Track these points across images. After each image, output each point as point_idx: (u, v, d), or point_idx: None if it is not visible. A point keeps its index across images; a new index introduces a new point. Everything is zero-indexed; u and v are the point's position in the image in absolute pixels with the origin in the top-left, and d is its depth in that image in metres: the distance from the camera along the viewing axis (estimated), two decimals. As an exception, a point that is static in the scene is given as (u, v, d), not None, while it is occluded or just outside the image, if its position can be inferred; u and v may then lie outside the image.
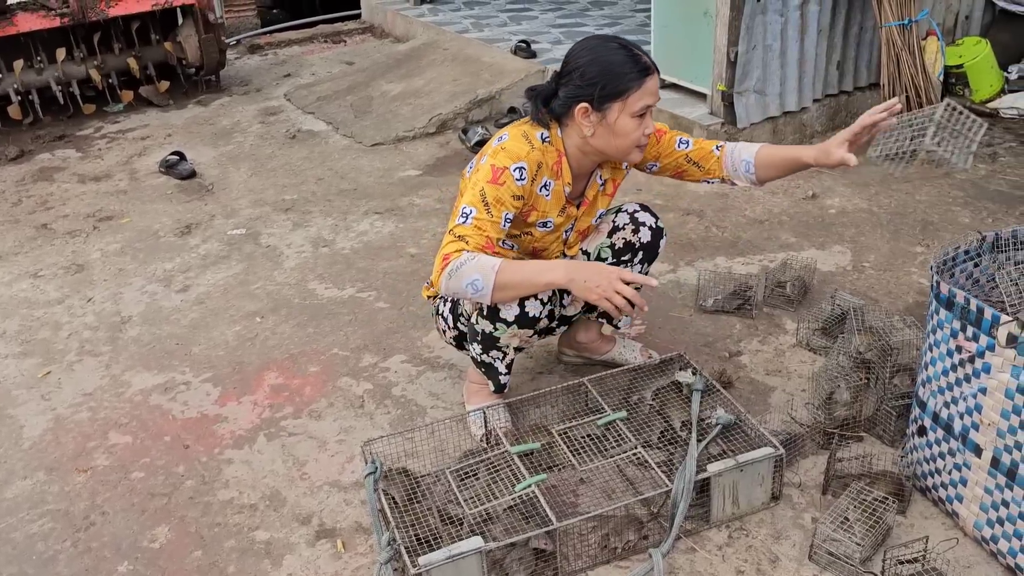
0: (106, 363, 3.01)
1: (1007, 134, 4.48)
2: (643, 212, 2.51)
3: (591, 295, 2.06)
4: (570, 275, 2.07)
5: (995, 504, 1.95)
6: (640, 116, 2.21)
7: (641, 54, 2.21)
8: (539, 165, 2.24)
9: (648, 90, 2.20)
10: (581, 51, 2.23)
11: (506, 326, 2.26)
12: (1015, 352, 1.81)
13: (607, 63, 2.17)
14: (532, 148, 2.23)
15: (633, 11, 6.64)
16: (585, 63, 2.19)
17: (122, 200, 4.38)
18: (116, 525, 2.29)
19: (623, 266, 2.50)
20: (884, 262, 3.34)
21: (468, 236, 2.13)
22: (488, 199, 2.17)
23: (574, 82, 2.20)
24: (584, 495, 2.18)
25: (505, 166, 2.19)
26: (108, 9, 5.36)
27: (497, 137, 2.28)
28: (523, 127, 2.28)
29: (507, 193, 2.18)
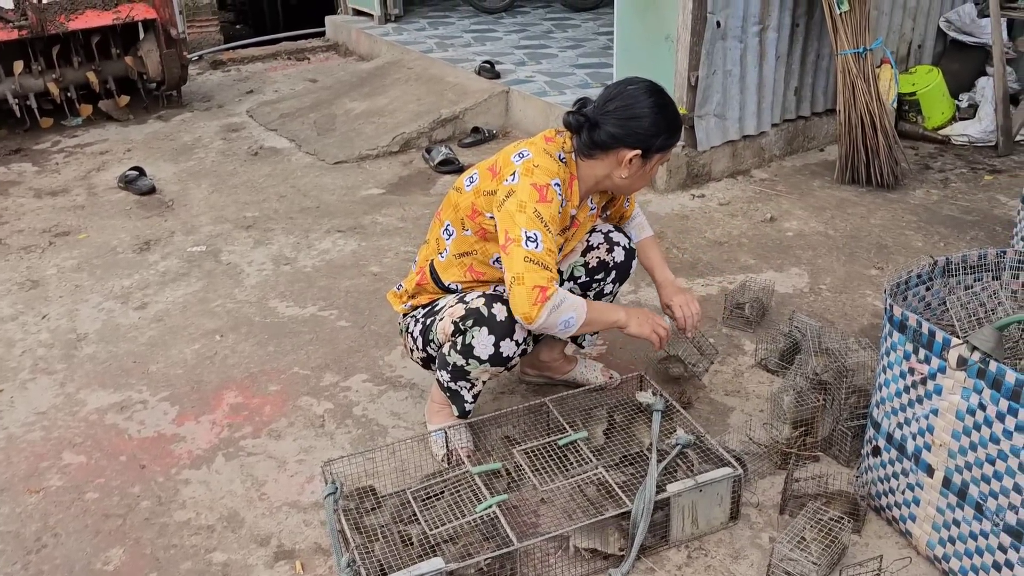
0: (61, 381, 2.96)
1: (958, 160, 4.60)
2: (617, 232, 2.54)
3: (645, 329, 2.33)
4: (629, 317, 2.33)
5: (947, 523, 1.99)
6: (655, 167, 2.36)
7: (678, 111, 2.34)
8: (563, 182, 2.28)
9: (674, 148, 2.37)
10: (636, 100, 2.23)
11: (479, 363, 2.26)
12: (965, 374, 1.86)
13: (659, 120, 2.23)
14: (560, 166, 2.27)
15: (596, 34, 6.72)
16: (640, 114, 2.22)
17: (79, 215, 4.32)
18: (68, 547, 2.25)
19: (595, 285, 2.53)
20: (840, 284, 3.40)
21: (548, 263, 2.17)
22: (546, 219, 2.18)
23: (626, 124, 2.22)
24: (545, 515, 2.19)
25: (547, 183, 2.20)
26: (68, 22, 5.29)
27: (516, 154, 2.27)
28: (541, 145, 2.29)
29: (555, 209, 2.21)
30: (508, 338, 2.23)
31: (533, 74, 5.62)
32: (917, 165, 4.55)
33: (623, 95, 2.24)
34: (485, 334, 2.22)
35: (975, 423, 1.85)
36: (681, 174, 4.31)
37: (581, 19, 7.30)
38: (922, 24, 5.07)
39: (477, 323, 2.22)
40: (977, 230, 3.81)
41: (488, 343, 2.22)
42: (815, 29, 4.45)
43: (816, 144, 4.82)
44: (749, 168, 4.55)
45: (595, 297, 2.57)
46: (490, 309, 2.22)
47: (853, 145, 4.24)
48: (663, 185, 4.30)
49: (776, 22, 4.26)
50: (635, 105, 2.23)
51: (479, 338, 2.22)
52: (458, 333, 2.26)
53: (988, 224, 3.87)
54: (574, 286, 2.53)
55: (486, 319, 2.21)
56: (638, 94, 2.24)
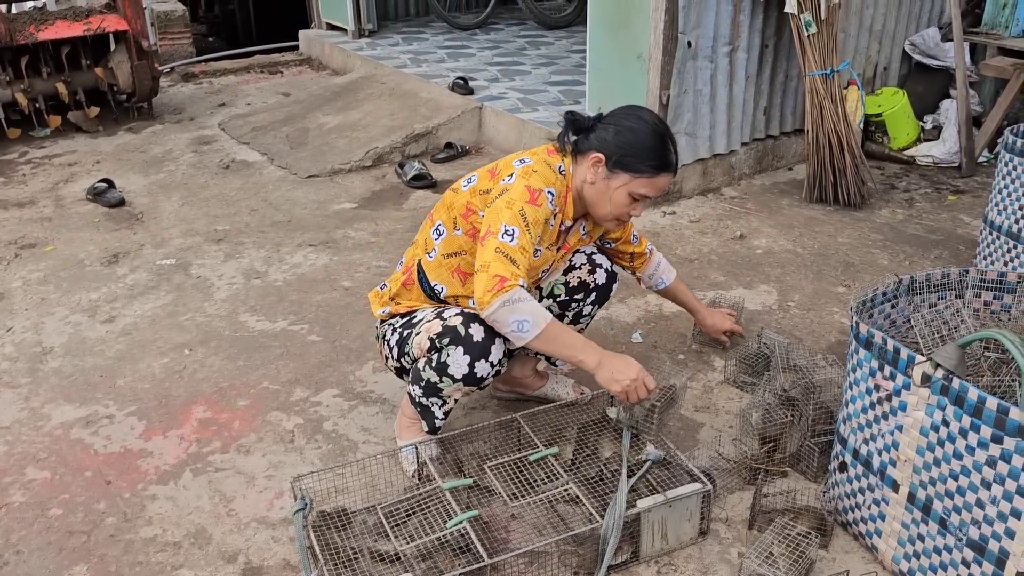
0: (25, 395, 2.91)
1: (923, 181, 4.68)
2: (600, 255, 2.56)
3: (614, 387, 2.18)
4: (600, 364, 2.18)
5: (912, 538, 2.02)
6: (635, 200, 2.30)
7: (674, 154, 2.29)
8: (558, 193, 2.29)
9: (656, 185, 2.28)
10: (631, 115, 2.27)
11: (452, 381, 2.26)
12: (929, 391, 1.89)
13: (641, 140, 2.23)
14: (558, 178, 2.28)
15: (569, 52, 6.77)
16: (625, 127, 2.24)
17: (46, 227, 4.26)
18: (31, 565, 2.21)
19: (574, 305, 2.54)
20: (808, 302, 3.44)
21: (518, 259, 2.15)
22: (530, 220, 2.18)
23: (608, 133, 2.25)
24: (516, 531, 2.19)
25: (540, 188, 2.22)
26: (37, 33, 5.25)
27: (518, 159, 2.30)
28: (543, 155, 2.31)
29: (542, 215, 2.22)
30: (483, 359, 2.23)
31: (506, 91, 5.65)
32: (883, 185, 4.62)
33: (630, 114, 2.28)
34: (460, 353, 2.22)
35: (939, 439, 1.88)
36: (652, 191, 4.35)
37: (554, 36, 7.35)
38: (888, 47, 5.17)
39: (453, 342, 2.22)
40: (941, 249, 3.88)
41: (463, 363, 2.22)
42: (784, 50, 4.52)
43: (785, 163, 4.88)
44: (719, 186, 4.60)
45: (572, 317, 2.58)
46: (467, 329, 2.22)
47: (821, 165, 4.31)
48: (634, 202, 4.33)
49: (746, 43, 4.32)
50: (617, 116, 2.27)
51: (454, 357, 2.22)
52: (434, 350, 2.26)
53: (952, 243, 3.94)
54: (552, 304, 2.54)
55: (462, 339, 2.22)
56: (628, 110, 2.30)
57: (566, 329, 2.21)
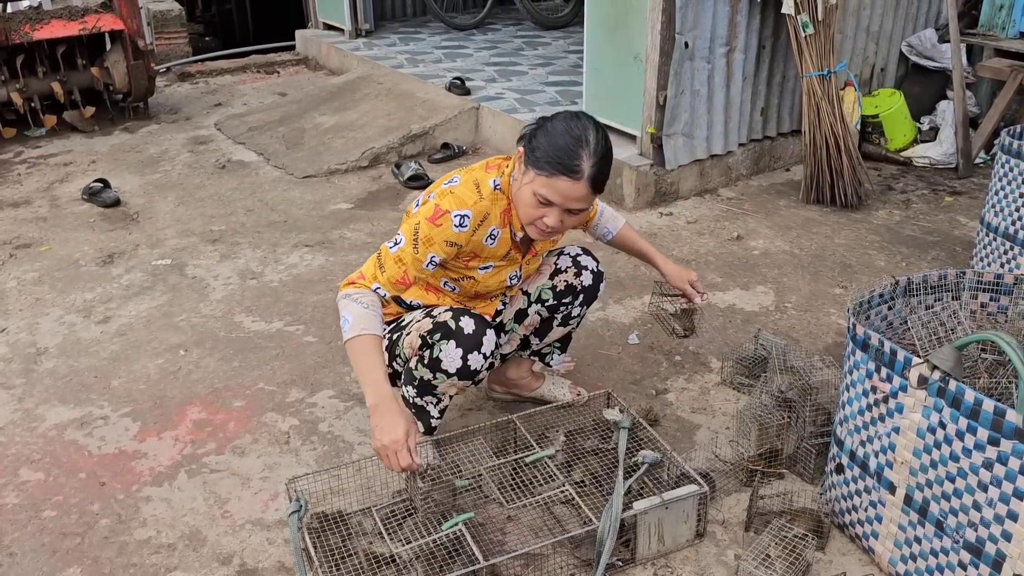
0: (19, 396, 2.90)
1: (919, 182, 4.68)
2: (585, 256, 2.54)
3: (375, 441, 2.06)
4: (374, 410, 2.07)
5: (908, 540, 2.01)
6: (541, 203, 2.17)
7: (583, 159, 2.12)
8: (485, 216, 2.25)
9: (553, 187, 2.13)
10: (564, 117, 2.20)
11: (446, 377, 2.25)
12: (926, 393, 1.88)
13: (552, 138, 2.15)
14: (480, 198, 2.23)
15: (566, 52, 6.77)
16: (548, 126, 2.18)
17: (41, 227, 4.25)
18: (24, 567, 2.20)
19: (563, 308, 2.53)
20: (805, 303, 3.44)
21: (387, 267, 2.20)
22: (420, 235, 2.19)
23: (535, 134, 2.20)
24: (511, 533, 2.18)
25: (448, 210, 2.20)
26: (33, 32, 5.23)
27: (448, 179, 2.29)
28: (475, 173, 2.28)
29: (440, 236, 2.19)
30: (476, 351, 2.23)
31: (503, 91, 5.64)
32: (880, 186, 4.62)
33: (564, 116, 2.20)
34: (453, 347, 2.21)
35: (935, 441, 1.88)
36: (649, 192, 4.34)
37: (551, 37, 7.34)
38: (885, 48, 5.17)
39: (445, 336, 2.21)
40: (938, 250, 3.88)
41: (456, 356, 2.22)
42: (781, 51, 4.52)
43: (782, 164, 4.88)
44: (716, 187, 4.60)
45: (562, 320, 2.56)
46: (457, 322, 2.22)
47: (818, 165, 4.31)
48: (632, 203, 4.33)
49: (743, 43, 4.32)
50: (559, 123, 2.18)
51: (447, 351, 2.22)
52: (425, 347, 2.25)
53: (948, 244, 3.94)
54: (541, 308, 2.53)
55: (453, 332, 2.21)
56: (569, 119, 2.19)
57: (371, 354, 2.11)
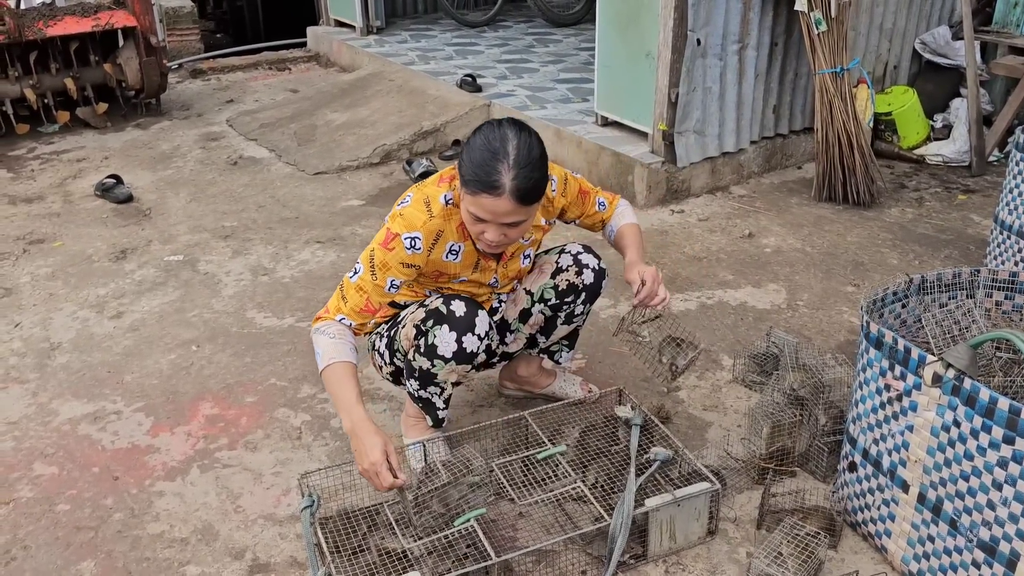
0: (33, 391, 2.92)
1: (932, 180, 4.66)
2: (586, 254, 2.53)
3: (358, 466, 2.08)
4: (351, 433, 2.10)
5: (921, 539, 2.01)
6: (477, 220, 2.12)
7: (500, 172, 2.03)
8: (438, 234, 2.23)
9: (479, 204, 2.07)
10: (482, 128, 2.13)
11: (444, 362, 2.26)
12: (940, 391, 1.88)
13: (470, 155, 2.08)
14: (430, 217, 2.21)
15: (577, 49, 6.76)
16: (469, 141, 2.12)
17: (55, 223, 4.27)
18: (39, 560, 2.21)
19: (565, 307, 2.52)
20: (817, 301, 3.43)
21: (348, 296, 2.22)
22: (376, 262, 2.21)
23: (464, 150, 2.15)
24: (523, 529, 2.19)
25: (398, 233, 2.20)
26: (46, 29, 5.25)
27: (402, 198, 2.27)
28: (427, 190, 2.25)
29: (395, 260, 2.20)
30: (470, 332, 2.24)
31: (514, 88, 5.64)
32: (893, 184, 4.60)
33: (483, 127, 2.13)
34: (446, 331, 2.22)
35: (949, 439, 1.87)
36: (661, 189, 4.34)
37: (563, 34, 7.33)
38: (898, 45, 5.15)
39: (437, 322, 2.23)
40: (951, 249, 3.86)
41: (450, 340, 2.23)
42: (793, 48, 4.50)
43: (794, 162, 4.86)
44: (728, 184, 4.58)
45: (565, 318, 2.55)
46: (448, 306, 2.24)
47: (830, 163, 4.29)
48: (643, 200, 4.32)
49: (755, 41, 4.31)
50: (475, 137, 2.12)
51: (441, 336, 2.23)
52: (420, 335, 2.27)
53: (962, 243, 3.92)
54: (544, 308, 2.52)
55: (445, 316, 2.23)
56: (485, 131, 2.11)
57: (342, 381, 2.13)
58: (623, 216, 2.57)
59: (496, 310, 2.55)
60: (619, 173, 4.42)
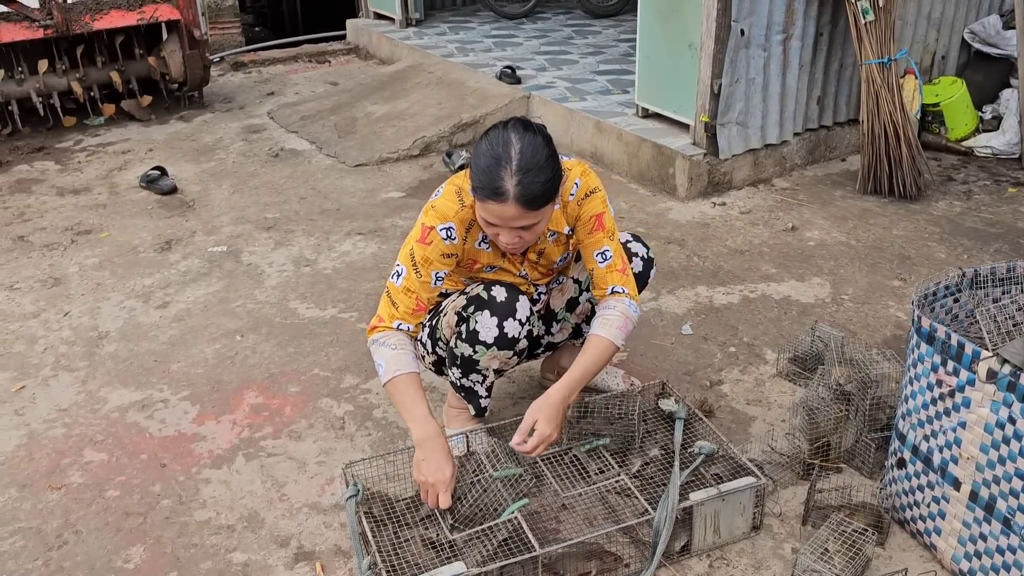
0: (82, 379, 2.97)
1: (981, 172, 4.56)
2: (635, 242, 2.52)
3: (418, 475, 2.13)
4: (419, 445, 2.13)
5: (973, 538, 1.97)
6: (489, 224, 2.10)
7: (503, 178, 2.00)
8: (470, 223, 2.23)
9: (488, 210, 2.06)
10: (487, 133, 2.11)
11: (486, 348, 2.26)
12: (995, 387, 1.84)
13: (476, 162, 2.07)
14: (462, 207, 2.21)
15: (617, 41, 6.71)
16: (479, 142, 2.10)
17: (101, 214, 4.34)
18: (90, 544, 2.25)
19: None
20: (862, 295, 3.38)
21: (399, 301, 2.22)
22: (417, 260, 2.21)
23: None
24: (566, 522, 2.18)
25: (432, 226, 2.20)
26: (93, 22, 5.33)
27: (436, 191, 2.29)
28: (459, 181, 2.25)
29: (435, 253, 2.21)
30: (511, 317, 2.24)
31: (554, 80, 5.62)
32: (940, 177, 4.52)
33: (488, 131, 2.11)
34: (487, 316, 2.23)
35: (1004, 436, 1.83)
36: (702, 182, 4.30)
37: (602, 25, 7.29)
38: (946, 35, 5.04)
39: (478, 308, 2.24)
40: (1001, 242, 3.78)
41: (491, 325, 2.23)
42: (839, 38, 4.43)
43: (838, 154, 4.79)
44: (770, 177, 4.53)
45: None
46: (489, 292, 2.25)
47: (876, 155, 4.22)
48: (684, 193, 4.29)
49: (800, 31, 4.24)
50: (481, 143, 2.09)
51: (482, 321, 2.23)
52: (462, 322, 2.27)
53: (1012, 237, 3.83)
54: (592, 295, 2.51)
55: (486, 302, 2.24)
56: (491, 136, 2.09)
57: (411, 392, 2.14)
58: (607, 324, 2.26)
59: (536, 301, 2.54)
60: (660, 165, 4.39)
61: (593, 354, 2.25)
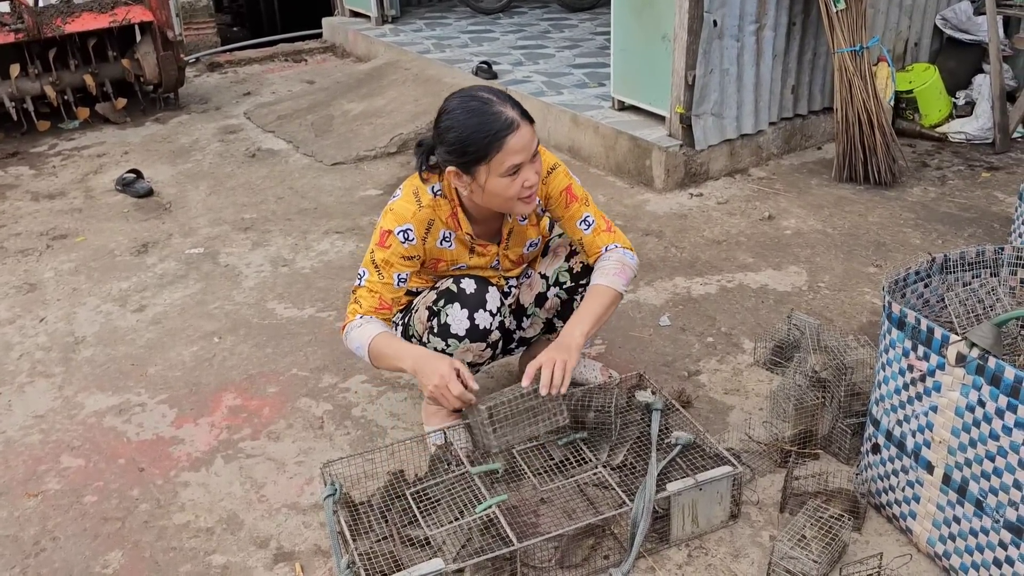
0: (59, 384, 2.95)
1: (955, 158, 4.60)
2: None
3: (426, 391, 2.16)
4: (415, 367, 2.16)
5: (947, 520, 1.99)
6: (511, 175, 2.13)
7: (502, 111, 2.08)
8: (430, 223, 2.26)
9: (511, 149, 2.09)
10: (445, 111, 2.15)
11: (458, 341, 2.27)
12: (964, 371, 1.85)
13: (463, 128, 2.09)
14: (420, 207, 2.23)
15: (593, 34, 6.72)
16: (445, 127, 2.13)
17: (77, 218, 4.31)
18: (67, 551, 2.24)
19: (581, 289, 2.51)
20: (838, 282, 3.40)
21: (362, 299, 2.26)
22: (377, 262, 2.25)
23: (441, 142, 2.16)
24: (545, 515, 2.19)
25: (390, 229, 2.23)
26: (64, 25, 5.29)
27: (395, 193, 2.31)
28: (416, 182, 2.27)
29: (394, 255, 2.24)
30: (481, 308, 2.26)
31: (530, 74, 5.62)
32: (914, 163, 4.55)
33: (442, 111, 2.15)
34: (458, 309, 2.25)
35: (974, 419, 1.85)
36: (679, 173, 4.31)
37: (578, 19, 7.29)
38: (918, 22, 5.07)
39: (448, 301, 2.26)
40: (975, 227, 3.81)
41: (462, 317, 2.25)
42: (812, 27, 4.45)
43: (814, 142, 4.82)
44: (747, 167, 4.55)
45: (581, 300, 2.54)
46: (459, 285, 2.27)
47: (851, 143, 4.24)
48: (661, 184, 4.30)
49: (773, 21, 4.26)
50: (440, 119, 2.16)
51: (453, 314, 2.25)
52: (433, 316, 2.29)
53: (986, 221, 3.87)
54: (560, 291, 2.52)
55: (456, 294, 2.26)
56: (444, 108, 2.16)
57: (389, 341, 2.21)
58: (604, 273, 2.33)
59: (508, 293, 2.55)
60: (637, 157, 4.40)
61: (595, 299, 2.30)
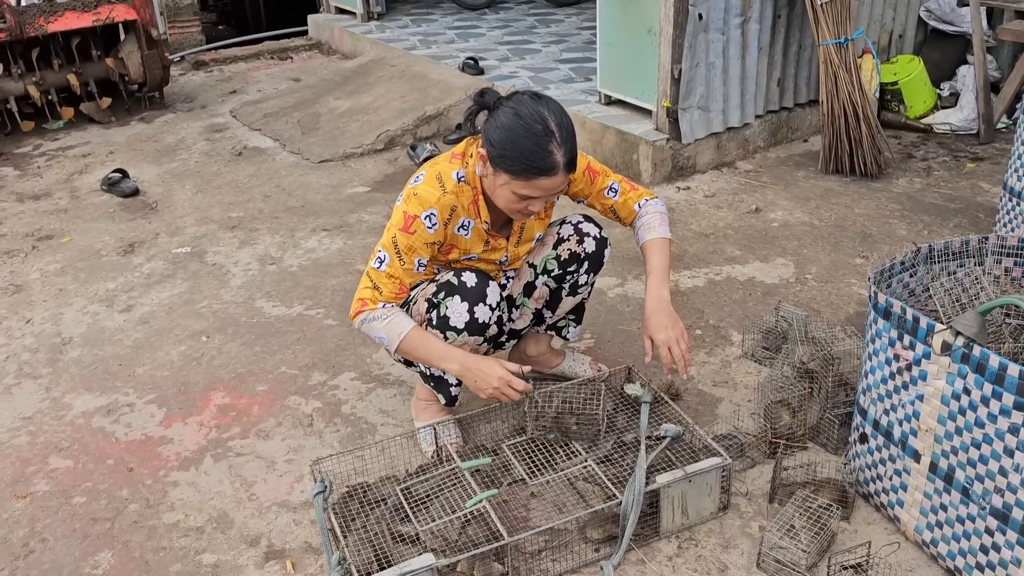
0: (46, 386, 2.94)
1: (940, 149, 4.62)
2: (587, 223, 2.52)
3: (482, 395, 2.21)
4: (463, 370, 2.20)
5: (934, 508, 2.00)
6: (523, 199, 2.16)
7: (552, 152, 2.07)
8: (452, 209, 2.25)
9: (536, 186, 2.11)
10: (513, 109, 2.12)
11: (456, 334, 2.26)
12: (950, 359, 1.87)
13: (512, 142, 2.09)
14: (444, 192, 2.23)
15: (580, 29, 6.72)
16: (501, 123, 2.11)
17: (62, 219, 4.29)
18: (57, 552, 2.23)
19: (569, 277, 2.51)
20: (825, 274, 3.41)
21: (382, 285, 2.23)
22: (400, 247, 2.22)
23: (492, 126, 2.14)
24: (535, 509, 2.19)
25: (416, 214, 2.21)
26: (47, 25, 5.25)
27: (415, 176, 2.29)
28: (439, 167, 2.27)
29: (419, 241, 2.22)
30: (481, 302, 2.26)
31: (517, 70, 5.62)
32: (900, 154, 4.57)
33: (512, 107, 2.13)
34: (458, 302, 2.24)
35: (960, 408, 1.86)
36: (666, 167, 4.32)
37: (564, 14, 7.29)
38: (903, 14, 5.09)
39: (448, 294, 2.25)
40: (960, 217, 3.83)
41: (462, 310, 2.24)
42: (797, 20, 4.46)
43: (800, 135, 4.83)
44: (734, 160, 4.56)
45: (570, 289, 2.54)
46: (459, 278, 2.26)
47: (836, 135, 4.26)
48: (649, 178, 4.31)
49: (758, 14, 4.27)
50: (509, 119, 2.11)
51: (453, 307, 2.24)
52: (432, 308, 2.28)
53: (971, 211, 3.89)
54: (548, 279, 2.52)
55: (457, 287, 2.25)
56: (512, 102, 2.14)
57: (425, 340, 2.22)
58: (651, 228, 2.44)
59: (505, 287, 2.55)
60: (624, 152, 4.40)
61: (658, 254, 2.42)
